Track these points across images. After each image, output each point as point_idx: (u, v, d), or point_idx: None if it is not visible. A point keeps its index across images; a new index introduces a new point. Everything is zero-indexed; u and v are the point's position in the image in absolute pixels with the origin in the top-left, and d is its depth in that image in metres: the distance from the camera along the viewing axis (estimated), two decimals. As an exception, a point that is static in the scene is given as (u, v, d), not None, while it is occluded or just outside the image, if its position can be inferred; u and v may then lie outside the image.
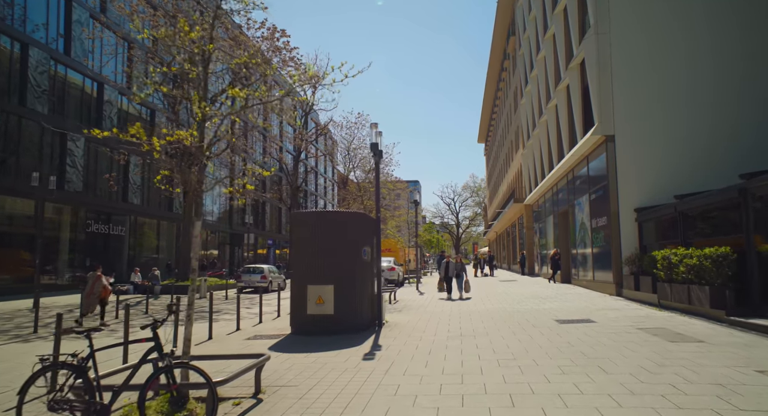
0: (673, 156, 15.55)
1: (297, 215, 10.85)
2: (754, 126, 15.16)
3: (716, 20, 15.81)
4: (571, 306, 13.47)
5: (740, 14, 15.79)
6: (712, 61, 15.76)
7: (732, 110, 15.45)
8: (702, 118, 15.61)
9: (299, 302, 10.41)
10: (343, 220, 10.59)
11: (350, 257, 10.52)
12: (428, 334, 9.72)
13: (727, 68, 15.66)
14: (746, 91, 15.46)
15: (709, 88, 15.71)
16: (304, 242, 10.53)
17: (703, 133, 15.49)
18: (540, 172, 28.75)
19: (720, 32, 15.83)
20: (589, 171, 18.73)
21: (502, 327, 10.26)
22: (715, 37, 15.86)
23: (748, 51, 15.62)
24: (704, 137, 15.44)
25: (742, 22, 15.76)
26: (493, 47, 45.57)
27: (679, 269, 11.04)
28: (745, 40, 15.69)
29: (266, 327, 11.74)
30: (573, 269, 22.12)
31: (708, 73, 15.76)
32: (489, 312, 12.96)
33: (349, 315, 10.35)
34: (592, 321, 10.57)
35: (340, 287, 10.32)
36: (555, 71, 23.49)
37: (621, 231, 15.77)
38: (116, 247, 30.02)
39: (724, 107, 15.52)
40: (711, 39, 15.85)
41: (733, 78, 15.57)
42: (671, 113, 15.80)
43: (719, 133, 15.37)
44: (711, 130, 15.47)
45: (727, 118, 15.43)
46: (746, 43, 15.65)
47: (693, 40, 15.92)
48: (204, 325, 12.58)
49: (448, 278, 17.71)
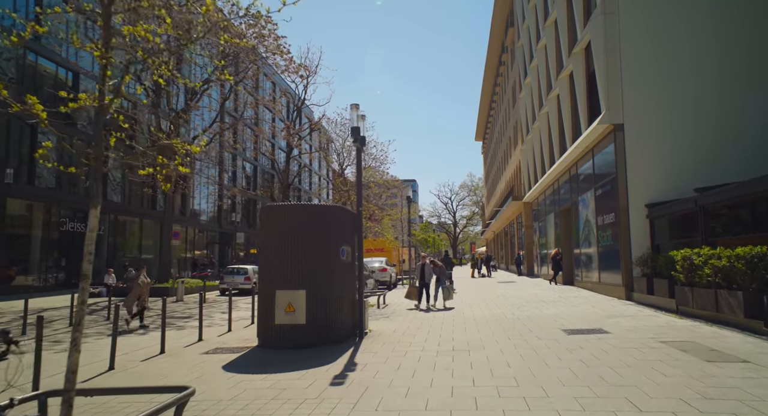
0: (690, 146, 14.19)
1: (268, 209, 9.42)
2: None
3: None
4: (577, 312, 12.07)
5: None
6: (729, 43, 14.40)
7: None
8: (726, 104, 14.25)
9: (266, 310, 8.98)
10: (320, 214, 9.16)
11: (326, 258, 9.09)
12: (415, 347, 8.30)
13: (744, 50, 14.30)
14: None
15: (731, 70, 14.35)
16: (274, 240, 9.10)
17: (729, 120, 14.14)
18: (540, 168, 27.36)
19: (737, 13, 14.47)
20: (594, 165, 17.34)
21: (502, 338, 8.84)
22: (729, 19, 14.50)
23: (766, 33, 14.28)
24: (731, 126, 14.09)
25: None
26: (491, 41, 44.19)
27: (704, 271, 9.65)
28: (764, 23, 14.34)
29: (233, 338, 10.31)
30: (576, 270, 20.73)
31: (727, 53, 14.40)
32: (486, 319, 11.55)
33: (323, 324, 8.92)
34: (604, 331, 9.16)
35: (314, 292, 8.89)
36: (557, 59, 22.10)
37: (631, 229, 14.39)
38: (95, 247, 28.45)
39: (750, 90, 14.17)
40: (726, 19, 14.49)
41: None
42: (686, 98, 14.43)
43: (751, 117, 14.03)
44: (736, 116, 14.11)
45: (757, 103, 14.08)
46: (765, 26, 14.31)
47: (708, 19, 14.55)
48: (168, 333, 11.14)
49: (424, 285, 14.55)
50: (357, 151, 10.30)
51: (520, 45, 32.10)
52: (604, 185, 16.19)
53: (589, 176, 18.09)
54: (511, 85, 38.47)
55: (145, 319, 13.98)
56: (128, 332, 11.87)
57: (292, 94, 36.25)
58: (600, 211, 16.75)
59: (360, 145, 10.28)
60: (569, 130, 20.12)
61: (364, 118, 10.54)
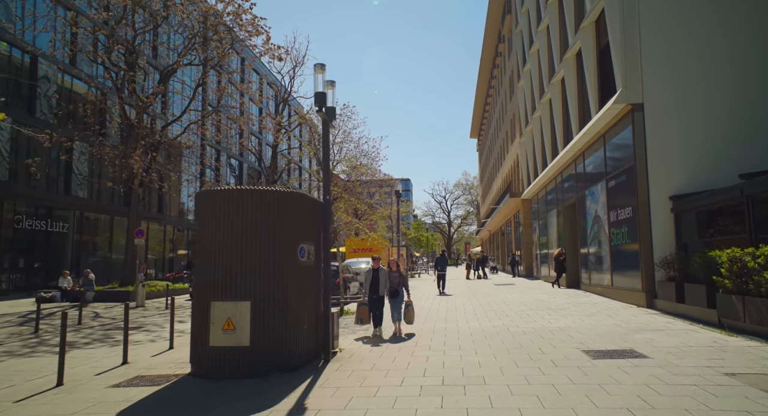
0: (724, 127, 12.19)
1: (202, 195, 7.28)
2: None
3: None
4: (595, 324, 10.01)
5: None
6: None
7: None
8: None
9: (201, 328, 6.87)
10: (272, 202, 7.05)
11: (279, 258, 6.99)
12: (392, 380, 6.21)
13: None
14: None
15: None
16: (210, 235, 6.99)
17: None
18: (541, 161, 25.34)
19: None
20: (605, 153, 15.31)
21: (507, 364, 6.76)
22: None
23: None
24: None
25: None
26: (487, 31, 42.16)
27: (763, 276, 7.61)
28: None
29: (169, 360, 8.19)
30: (583, 272, 18.69)
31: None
32: (486, 333, 9.47)
33: (275, 345, 6.81)
34: (639, 354, 7.10)
35: (262, 303, 6.79)
36: (561, 39, 20.08)
37: (652, 225, 12.36)
38: (58, 246, 26.23)
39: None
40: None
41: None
42: (719, 69, 12.42)
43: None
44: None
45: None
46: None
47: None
48: (92, 352, 9.01)
49: (376, 300, 9.71)
50: (323, 124, 8.19)
51: (519, 31, 30.09)
52: (619, 176, 14.17)
53: (599, 167, 16.06)
54: (509, 76, 36.47)
55: (82, 331, 11.87)
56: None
57: (278, 86, 34.13)
58: (613, 205, 14.72)
59: (327, 117, 8.17)
60: (575, 116, 18.09)
61: (333, 84, 8.43)
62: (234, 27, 21.87)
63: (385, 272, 9.91)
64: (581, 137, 16.32)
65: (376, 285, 9.74)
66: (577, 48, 17.23)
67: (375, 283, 9.75)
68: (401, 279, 10.04)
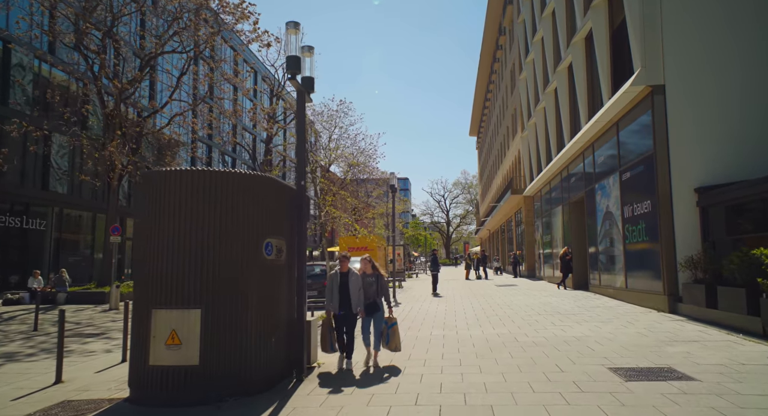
0: (758, 109, 10.91)
1: (144, 178, 5.94)
2: None
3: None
4: (615, 333, 8.70)
5: None
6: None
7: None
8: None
9: (139, 342, 5.54)
10: (229, 188, 5.73)
11: (238, 256, 5.67)
12: (376, 409, 4.89)
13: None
14: None
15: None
16: (153, 227, 5.66)
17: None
18: (545, 155, 24.06)
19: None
20: (619, 142, 14.00)
21: (520, 388, 5.44)
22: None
23: None
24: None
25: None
26: (487, 23, 40.84)
27: (827, 278, 6.30)
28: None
29: (113, 377, 6.86)
30: (592, 272, 17.38)
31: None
32: (491, 343, 8.15)
33: (231, 364, 5.48)
34: (681, 374, 5.79)
35: (216, 312, 5.47)
36: (568, 23, 18.78)
37: (675, 221, 11.06)
38: (35, 245, 24.82)
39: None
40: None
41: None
42: (753, 42, 11.13)
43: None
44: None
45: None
46: None
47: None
48: (45, 364, 7.58)
49: (345, 318, 6.84)
50: (298, 95, 6.84)
51: (521, 20, 28.79)
52: (635, 167, 12.86)
53: (611, 158, 14.76)
54: (510, 69, 35.17)
55: (34, 339, 10.54)
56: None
57: (272, 80, 32.79)
58: (628, 200, 13.42)
59: (302, 87, 6.84)
60: (584, 104, 16.79)
61: (311, 51, 7.10)
62: (219, 11, 20.53)
63: (357, 277, 6.84)
64: (591, 125, 15.01)
65: (345, 297, 6.75)
66: (587, 30, 15.93)
67: (344, 293, 6.76)
68: (379, 285, 6.96)
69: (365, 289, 6.87)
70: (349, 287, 6.79)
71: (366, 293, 6.87)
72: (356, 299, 6.79)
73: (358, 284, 6.84)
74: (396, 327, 7.01)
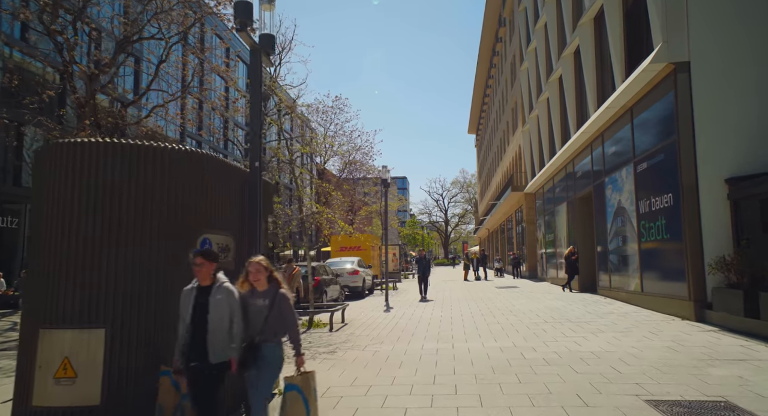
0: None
1: (43, 153, 4.53)
2: None
3: None
4: (640, 348, 7.31)
5: None
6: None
7: None
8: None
9: (24, 374, 4.14)
10: (153, 166, 4.34)
11: (161, 258, 4.28)
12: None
13: None
14: None
15: None
16: (48, 217, 4.26)
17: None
18: (548, 149, 22.69)
19: None
20: (633, 129, 12.63)
21: (535, 434, 4.06)
22: None
23: None
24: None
25: None
26: (486, 16, 39.50)
27: None
28: None
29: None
30: (601, 274, 15.99)
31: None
32: (492, 362, 6.75)
33: (148, 402, 4.08)
34: (743, 411, 4.42)
35: (126, 331, 4.07)
36: (574, 4, 17.41)
37: (702, 216, 9.69)
38: (8, 244, 23.40)
39: None
40: None
41: None
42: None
43: None
44: None
45: None
46: None
47: None
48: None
49: (203, 379, 3.56)
50: (251, 54, 5.45)
51: (522, 9, 27.42)
52: (653, 157, 11.48)
53: (624, 148, 13.39)
54: (510, 61, 33.80)
55: None
56: None
57: (265, 75, 31.45)
58: (645, 193, 12.04)
59: (257, 44, 5.46)
60: (593, 91, 15.42)
61: (272, 3, 5.70)
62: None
63: (229, 295, 3.66)
64: (602, 113, 13.64)
65: (201, 334, 3.57)
66: (596, 9, 14.56)
67: (199, 327, 3.58)
68: (278, 313, 3.76)
69: (249, 318, 3.76)
70: (209, 315, 3.58)
71: (250, 326, 3.75)
72: (221, 339, 3.58)
73: (227, 309, 3.62)
74: (312, 391, 3.95)
